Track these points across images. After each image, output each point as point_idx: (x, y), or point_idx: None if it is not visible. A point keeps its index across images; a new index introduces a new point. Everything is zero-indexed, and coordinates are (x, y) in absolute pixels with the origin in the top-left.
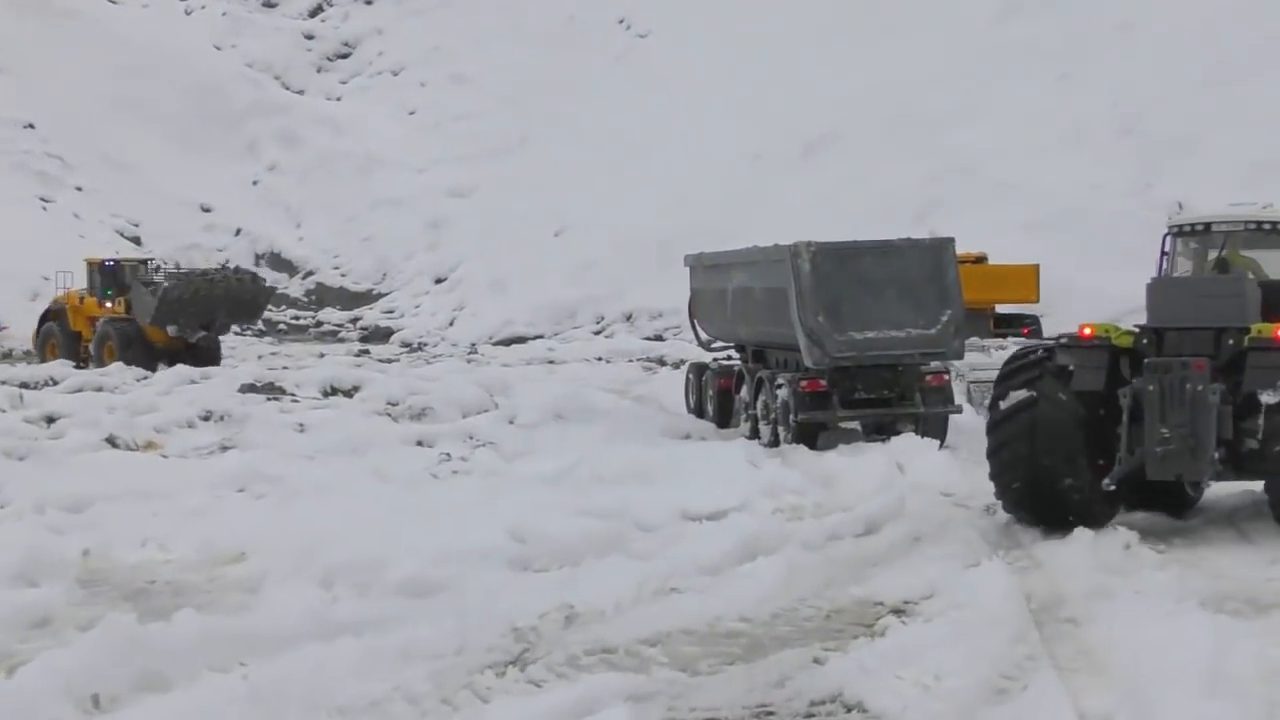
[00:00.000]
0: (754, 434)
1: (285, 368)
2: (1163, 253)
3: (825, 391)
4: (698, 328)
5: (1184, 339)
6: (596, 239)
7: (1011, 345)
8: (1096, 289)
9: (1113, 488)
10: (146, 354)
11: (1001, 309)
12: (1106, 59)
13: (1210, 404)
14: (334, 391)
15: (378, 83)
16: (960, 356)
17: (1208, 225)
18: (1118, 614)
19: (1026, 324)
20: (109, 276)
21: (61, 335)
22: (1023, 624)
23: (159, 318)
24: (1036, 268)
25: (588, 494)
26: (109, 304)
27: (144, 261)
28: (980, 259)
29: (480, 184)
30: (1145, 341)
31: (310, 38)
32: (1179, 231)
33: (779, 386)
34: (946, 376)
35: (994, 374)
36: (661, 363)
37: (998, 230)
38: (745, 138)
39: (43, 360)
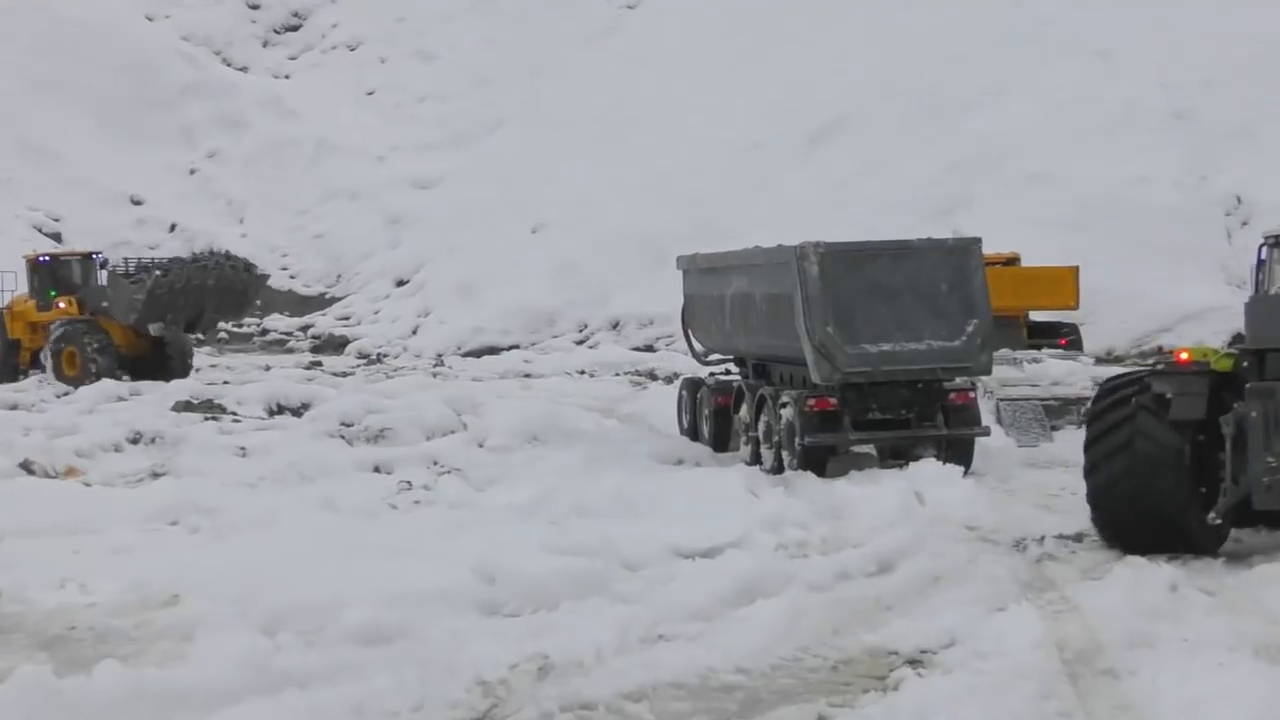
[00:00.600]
0: (755, 459)
1: (226, 382)
2: (1259, 263)
3: (835, 411)
4: (692, 339)
5: None
6: (578, 237)
7: (1046, 358)
8: (1143, 294)
9: (1219, 521)
10: (117, 360)
11: (1036, 316)
12: (1155, 34)
13: None
14: (281, 410)
15: (332, 59)
16: (988, 371)
17: None
18: (1162, 665)
19: (1064, 334)
20: (48, 273)
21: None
22: (1054, 676)
23: (146, 315)
24: (1075, 270)
25: (565, 528)
26: (61, 304)
27: (90, 255)
28: (1012, 260)
29: (447, 174)
30: (1246, 365)
31: (255, 8)
32: (1276, 241)
33: (783, 405)
34: (972, 394)
35: (1026, 390)
36: (652, 377)
37: (1030, 227)
38: (745, 123)
39: None
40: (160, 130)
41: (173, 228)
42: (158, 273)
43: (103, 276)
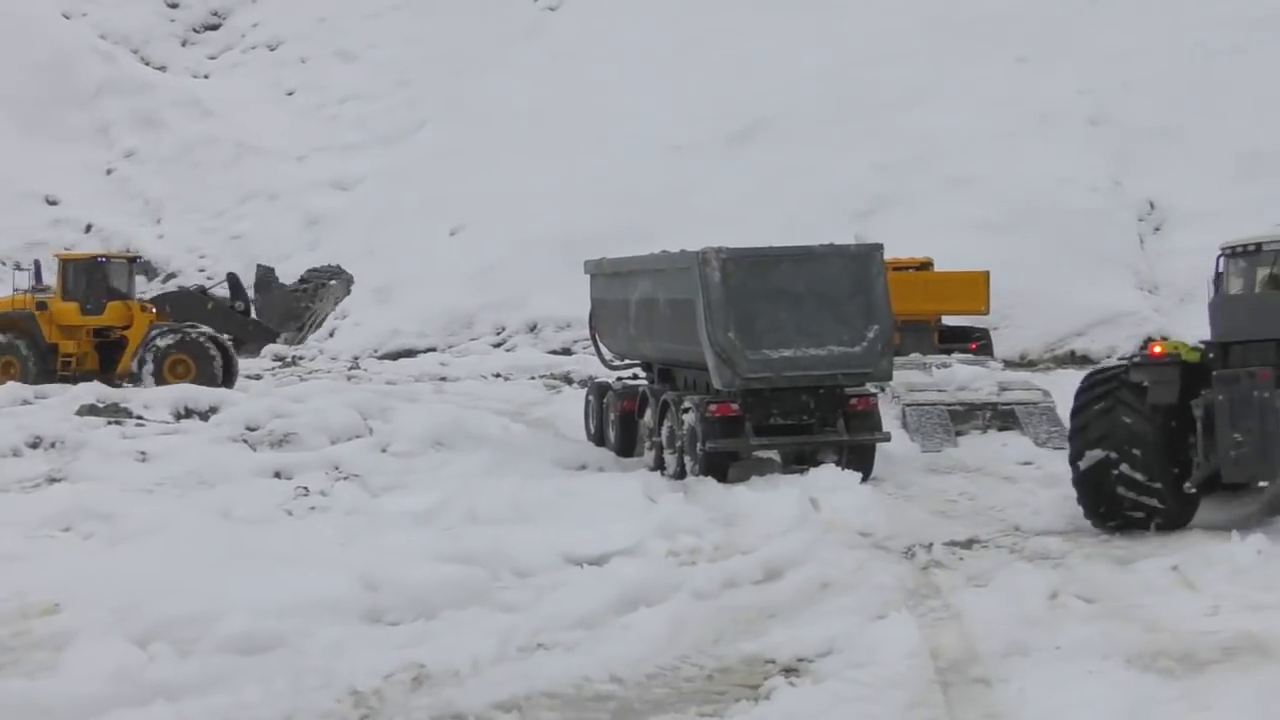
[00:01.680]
0: (659, 464)
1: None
2: (1216, 273)
3: (737, 417)
4: (599, 344)
5: (1248, 352)
6: (498, 239)
7: (955, 363)
8: (1058, 298)
9: (1194, 490)
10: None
11: (949, 321)
12: (1073, 39)
13: (1277, 409)
14: (189, 414)
15: (252, 59)
16: (889, 378)
17: (1259, 245)
18: (1033, 674)
19: (975, 338)
20: (100, 275)
21: (29, 350)
22: (926, 685)
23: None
24: (986, 275)
25: (458, 535)
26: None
27: (134, 258)
28: (925, 265)
29: (368, 175)
30: (1212, 356)
31: (174, 7)
32: (1232, 252)
33: (685, 411)
34: (874, 400)
35: (933, 395)
36: (568, 380)
37: (952, 230)
38: (669, 124)
39: None
40: (77, 129)
41: (88, 228)
42: (305, 286)
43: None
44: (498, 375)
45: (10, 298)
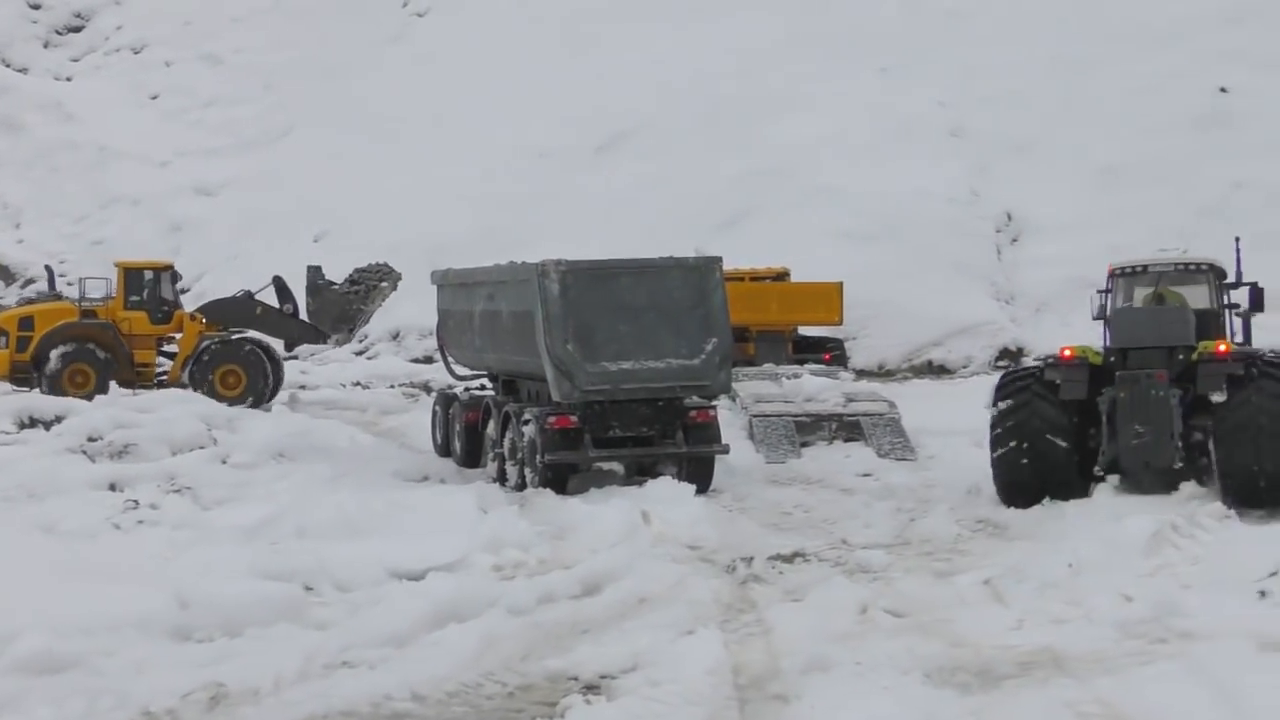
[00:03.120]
0: (501, 476)
1: None
2: (1106, 290)
3: (576, 429)
4: (447, 354)
5: (1145, 356)
6: (361, 245)
7: (805, 374)
8: (916, 308)
9: (1101, 474)
10: None
11: (805, 331)
12: (934, 52)
13: (1171, 406)
14: (33, 423)
15: (115, 61)
16: (727, 390)
17: (1145, 267)
18: (829, 689)
19: (829, 349)
20: (169, 283)
21: (105, 359)
22: (723, 702)
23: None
24: (839, 286)
25: (283, 550)
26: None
27: (168, 267)
28: (782, 275)
29: (232, 180)
30: (1114, 359)
31: (36, 8)
32: (1121, 272)
33: (526, 423)
34: (713, 412)
35: (780, 406)
36: (427, 389)
37: (813, 240)
38: (535, 131)
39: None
40: None
41: None
42: (357, 288)
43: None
44: (357, 383)
45: (62, 304)
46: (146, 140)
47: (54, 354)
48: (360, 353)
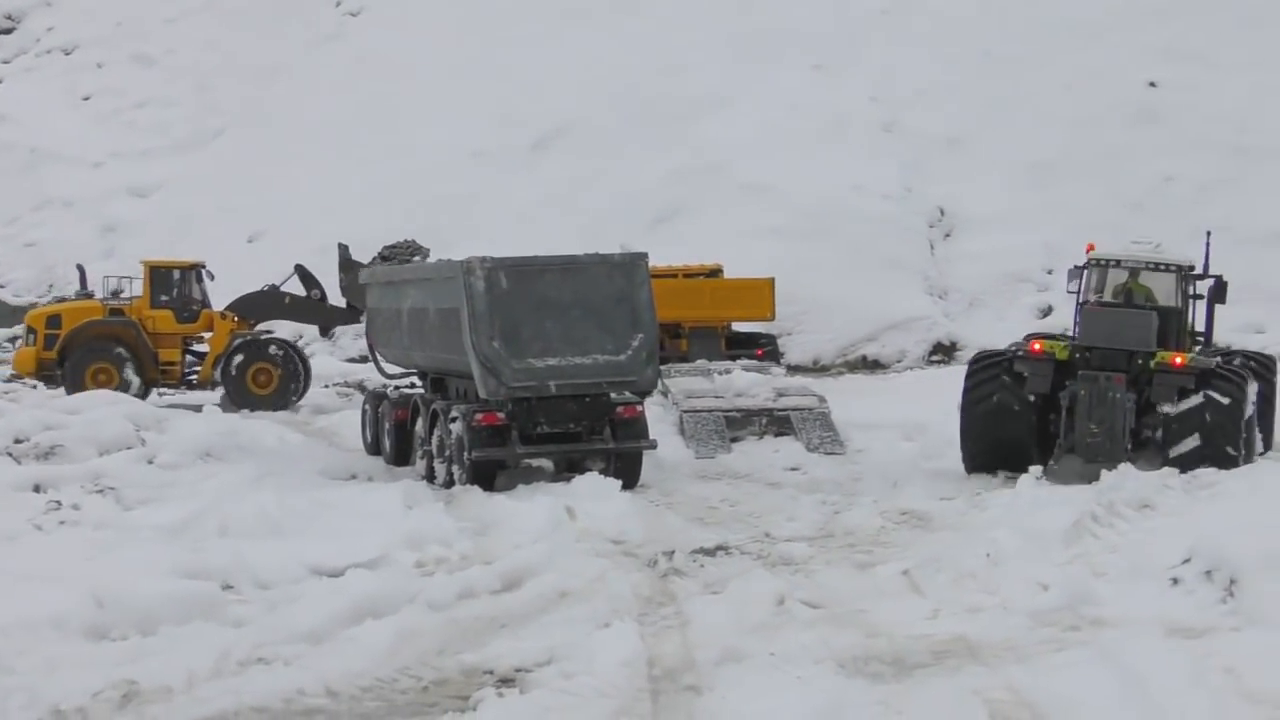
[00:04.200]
0: (430, 473)
1: None
2: (1081, 281)
3: (503, 426)
4: (376, 352)
5: (1106, 356)
6: (296, 245)
7: (737, 369)
8: (851, 303)
9: (1055, 465)
10: None
11: (740, 327)
12: (867, 48)
13: (1126, 408)
14: None
15: (46, 63)
16: (653, 386)
17: (1118, 261)
18: (742, 681)
19: (762, 344)
20: (198, 281)
21: (134, 360)
22: (635, 694)
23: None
24: (771, 281)
25: (204, 549)
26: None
27: (195, 266)
28: (715, 271)
29: (166, 182)
30: (1078, 356)
31: None
32: (1095, 264)
33: (453, 420)
34: (640, 408)
35: (710, 402)
36: (361, 388)
37: (747, 236)
38: (470, 130)
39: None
40: None
41: None
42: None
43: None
44: None
45: (89, 303)
46: (79, 142)
47: (76, 352)
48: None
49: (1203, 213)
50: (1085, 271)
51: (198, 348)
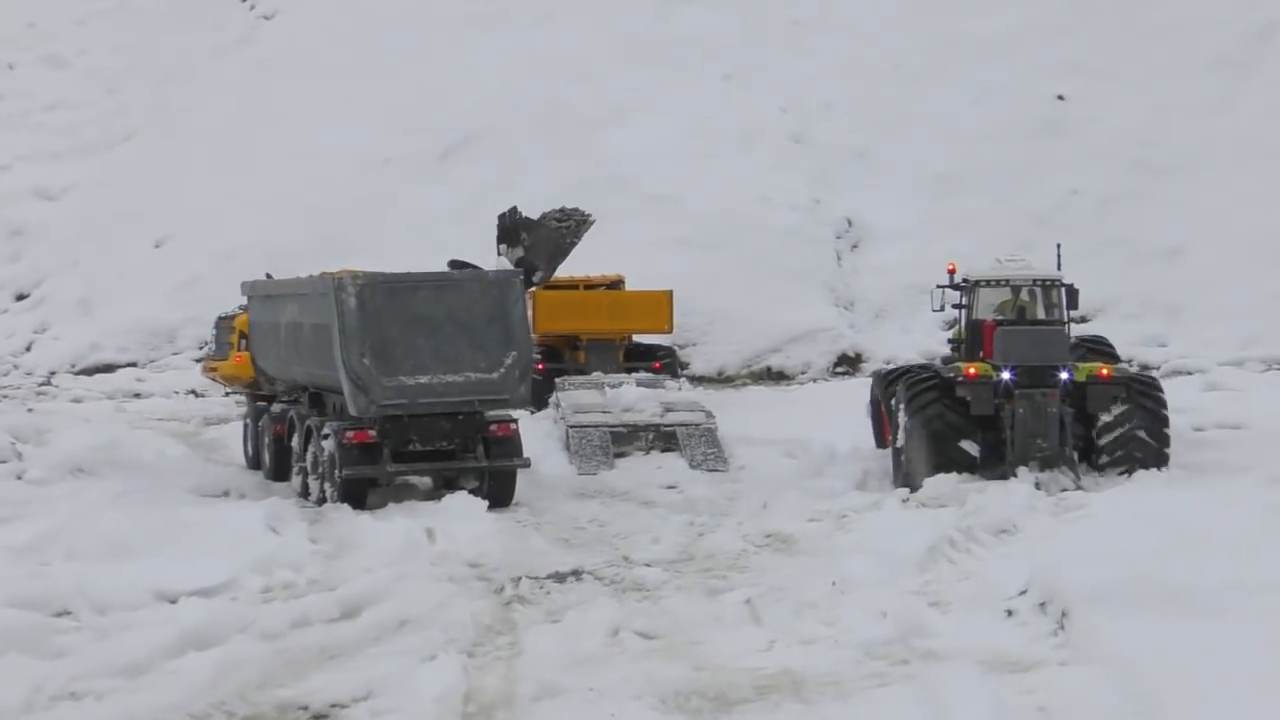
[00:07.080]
0: (304, 490)
1: None
2: (952, 287)
3: (374, 443)
4: (257, 366)
5: (1034, 374)
6: (203, 251)
7: (631, 382)
8: (756, 315)
9: (1007, 479)
10: None
11: (641, 339)
12: (776, 59)
13: (1065, 421)
14: None
15: None
16: (526, 404)
17: (1008, 280)
18: (558, 717)
19: (660, 357)
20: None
21: None
22: None
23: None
24: (669, 294)
25: (49, 572)
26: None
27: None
28: (616, 283)
29: (74, 185)
30: (1009, 377)
31: None
32: (984, 283)
33: (325, 436)
34: (514, 426)
35: (597, 417)
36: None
37: (652, 247)
38: (378, 138)
39: None
40: None
41: None
42: (567, 223)
43: None
44: (191, 392)
45: None
46: None
47: None
48: (200, 360)
49: (1105, 226)
50: (974, 290)
51: None
